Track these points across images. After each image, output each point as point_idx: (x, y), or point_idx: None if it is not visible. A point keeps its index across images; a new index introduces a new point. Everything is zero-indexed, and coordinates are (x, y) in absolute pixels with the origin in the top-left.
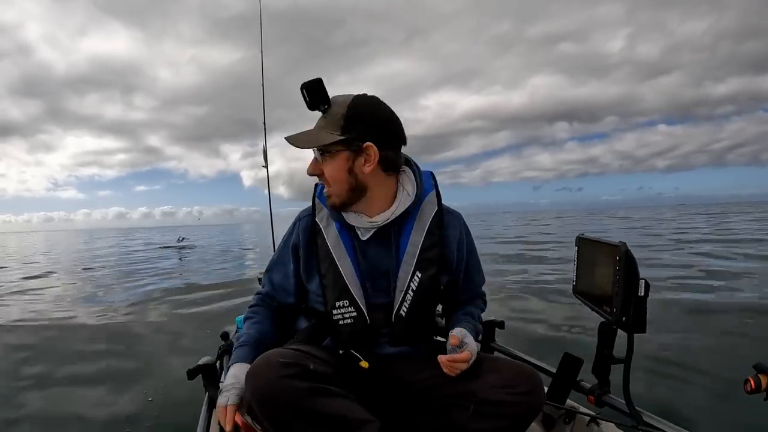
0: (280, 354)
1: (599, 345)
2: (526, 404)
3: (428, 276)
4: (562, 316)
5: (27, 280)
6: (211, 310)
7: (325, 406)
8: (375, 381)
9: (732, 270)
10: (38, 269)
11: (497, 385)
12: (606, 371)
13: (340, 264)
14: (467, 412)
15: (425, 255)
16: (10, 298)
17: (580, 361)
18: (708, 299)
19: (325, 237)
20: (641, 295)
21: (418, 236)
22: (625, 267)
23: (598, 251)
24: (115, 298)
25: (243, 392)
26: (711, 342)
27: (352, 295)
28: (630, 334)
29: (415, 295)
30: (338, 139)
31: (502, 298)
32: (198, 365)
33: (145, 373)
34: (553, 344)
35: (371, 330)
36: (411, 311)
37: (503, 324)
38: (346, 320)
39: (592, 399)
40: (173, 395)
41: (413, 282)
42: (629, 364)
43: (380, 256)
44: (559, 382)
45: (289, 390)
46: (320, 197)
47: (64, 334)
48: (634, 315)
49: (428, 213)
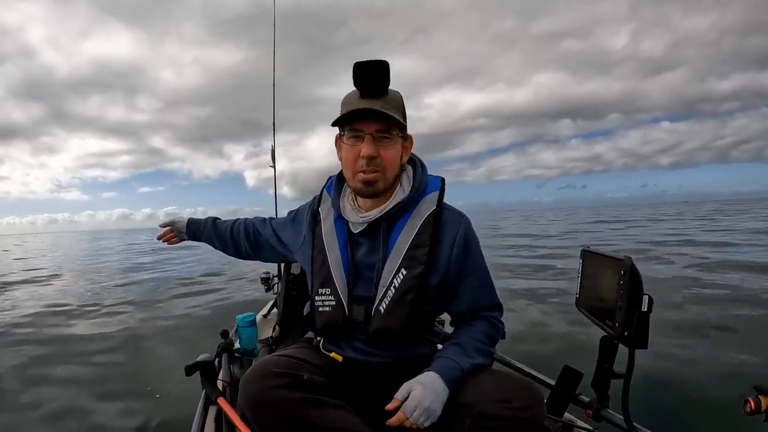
0: (274, 363)
1: (600, 359)
2: (525, 419)
3: (413, 274)
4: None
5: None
6: (211, 307)
7: (319, 417)
8: (371, 391)
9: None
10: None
11: (495, 399)
12: (606, 386)
13: (329, 254)
14: (463, 426)
15: (413, 253)
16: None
17: (580, 374)
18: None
19: (323, 227)
20: (644, 311)
21: (409, 233)
22: (629, 281)
23: (602, 265)
24: (112, 295)
25: (178, 223)
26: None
27: (334, 285)
28: (631, 350)
29: (396, 292)
30: (404, 125)
31: None
32: (196, 362)
33: (142, 371)
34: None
35: (349, 323)
36: (391, 308)
37: (504, 334)
38: (325, 308)
39: (591, 413)
40: (170, 392)
41: (396, 279)
42: (629, 379)
43: (369, 250)
44: (557, 395)
45: (282, 400)
46: (329, 189)
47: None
48: (637, 330)
49: (424, 212)
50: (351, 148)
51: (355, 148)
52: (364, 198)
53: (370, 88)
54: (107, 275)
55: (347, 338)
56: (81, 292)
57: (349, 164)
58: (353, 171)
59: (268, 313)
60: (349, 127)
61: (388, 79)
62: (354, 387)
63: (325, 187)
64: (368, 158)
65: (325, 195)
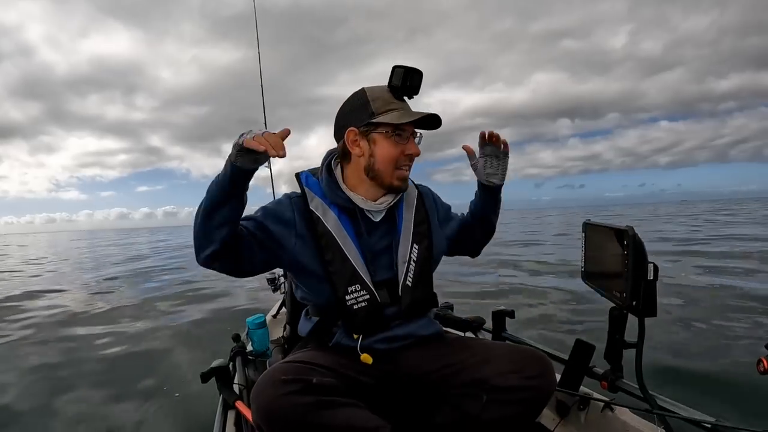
0: (282, 371)
1: (610, 330)
2: (537, 388)
3: (424, 247)
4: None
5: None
6: (221, 311)
7: (331, 418)
8: (384, 380)
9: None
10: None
11: (507, 371)
12: (618, 356)
13: (346, 250)
14: (480, 402)
15: (418, 229)
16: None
17: (592, 347)
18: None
19: (325, 224)
20: (650, 279)
21: (409, 213)
22: (633, 251)
23: (605, 236)
24: (122, 299)
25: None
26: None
27: (362, 279)
28: (641, 318)
29: (416, 265)
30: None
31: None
32: (211, 368)
33: (156, 377)
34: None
35: (381, 310)
36: (417, 281)
37: (513, 313)
38: (360, 304)
39: (606, 384)
40: (186, 399)
41: (413, 253)
42: (641, 348)
43: (381, 235)
44: (572, 369)
45: (293, 407)
46: (308, 186)
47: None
48: (644, 299)
49: (412, 194)
50: (395, 145)
51: (399, 147)
52: (393, 192)
53: (410, 91)
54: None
55: (384, 326)
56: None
57: (390, 161)
58: (393, 167)
59: (277, 313)
60: (395, 127)
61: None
62: (367, 381)
63: (304, 185)
64: (412, 156)
65: (309, 192)
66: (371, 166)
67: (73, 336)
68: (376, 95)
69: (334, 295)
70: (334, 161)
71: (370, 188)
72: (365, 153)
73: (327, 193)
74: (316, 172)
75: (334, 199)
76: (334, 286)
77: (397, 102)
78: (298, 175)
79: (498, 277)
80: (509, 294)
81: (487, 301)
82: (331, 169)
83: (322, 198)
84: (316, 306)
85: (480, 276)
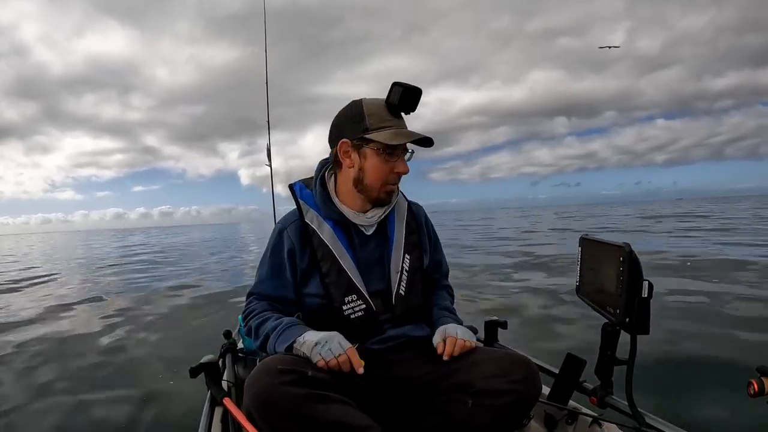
0: (278, 360)
1: (602, 346)
2: (522, 392)
3: (415, 257)
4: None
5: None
6: (214, 307)
7: (324, 412)
8: (375, 383)
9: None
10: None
11: (492, 375)
12: (609, 372)
13: (341, 261)
14: (467, 407)
15: (409, 240)
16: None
17: (583, 362)
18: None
19: (321, 236)
20: (645, 297)
21: (400, 225)
22: (628, 268)
23: (601, 252)
24: (112, 294)
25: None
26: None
27: (358, 288)
28: (633, 336)
29: (408, 275)
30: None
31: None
32: (201, 363)
33: (144, 373)
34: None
35: (377, 318)
36: (409, 289)
37: (506, 324)
38: (357, 313)
39: (595, 400)
40: (174, 394)
41: (405, 263)
42: (632, 365)
43: (373, 247)
44: (561, 383)
45: (287, 397)
46: (302, 198)
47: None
48: (638, 316)
49: (402, 206)
50: (384, 162)
51: (389, 164)
52: (380, 205)
53: (407, 109)
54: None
55: (378, 333)
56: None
57: (380, 176)
58: (382, 182)
59: None
60: (388, 145)
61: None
62: (358, 382)
63: (299, 198)
64: (401, 174)
65: (304, 205)
66: (360, 179)
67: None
68: (372, 110)
69: (332, 304)
70: (328, 172)
71: (357, 200)
72: (355, 165)
73: (321, 207)
74: (309, 183)
75: (328, 213)
76: (331, 296)
77: (393, 119)
78: (291, 187)
79: (495, 287)
80: (503, 305)
81: (482, 309)
82: (325, 182)
83: (317, 211)
84: (311, 315)
85: (474, 285)
